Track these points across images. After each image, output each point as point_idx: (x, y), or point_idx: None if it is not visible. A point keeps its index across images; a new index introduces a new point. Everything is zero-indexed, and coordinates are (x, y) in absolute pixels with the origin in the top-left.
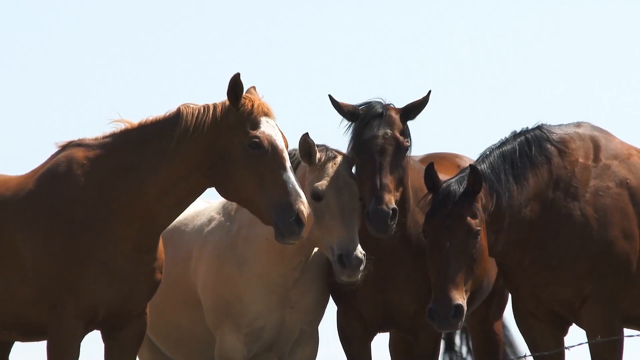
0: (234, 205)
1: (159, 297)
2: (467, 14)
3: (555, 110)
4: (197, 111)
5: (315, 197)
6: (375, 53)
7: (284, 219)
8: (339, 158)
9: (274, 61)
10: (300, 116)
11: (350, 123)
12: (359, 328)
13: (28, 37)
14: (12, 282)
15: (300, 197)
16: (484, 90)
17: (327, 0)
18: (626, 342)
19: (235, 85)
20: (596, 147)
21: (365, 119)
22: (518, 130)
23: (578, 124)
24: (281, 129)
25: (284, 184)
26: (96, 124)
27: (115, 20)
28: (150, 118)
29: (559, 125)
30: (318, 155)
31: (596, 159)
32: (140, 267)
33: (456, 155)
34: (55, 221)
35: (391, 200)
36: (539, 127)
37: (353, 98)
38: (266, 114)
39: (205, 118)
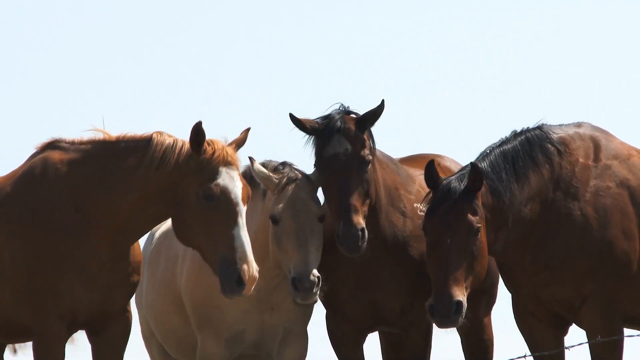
0: None
1: (155, 299)
2: (467, 14)
3: (555, 110)
4: (166, 144)
5: (272, 220)
6: (376, 53)
7: (227, 276)
8: (300, 180)
9: (270, 61)
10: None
11: (312, 137)
12: (349, 330)
13: (26, 38)
14: None
15: (247, 255)
16: (484, 90)
17: (326, 0)
18: (626, 342)
19: (196, 134)
20: (596, 147)
21: (324, 134)
22: (518, 130)
23: (578, 124)
24: (244, 180)
25: (232, 240)
26: (88, 124)
27: (114, 21)
28: (128, 135)
29: (560, 125)
30: (276, 178)
31: (596, 159)
32: (116, 274)
33: (438, 155)
34: (32, 224)
35: (359, 220)
36: (540, 127)
37: (352, 99)
38: (228, 164)
39: (171, 156)
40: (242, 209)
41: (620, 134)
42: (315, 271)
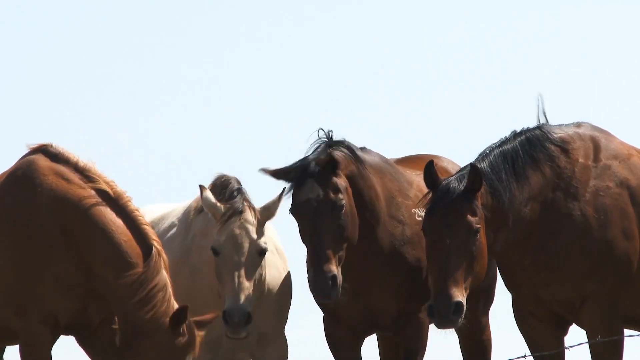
0: (193, 212)
1: None
2: (467, 14)
3: (555, 110)
4: (155, 283)
5: (213, 251)
6: (376, 53)
7: None
8: (247, 212)
9: (270, 61)
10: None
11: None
12: (346, 334)
13: (24, 39)
14: None
15: None
16: (484, 91)
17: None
18: (626, 342)
19: (180, 317)
20: (596, 147)
21: (297, 180)
22: (518, 130)
23: (578, 124)
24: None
25: None
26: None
27: (114, 21)
28: (129, 207)
29: (559, 125)
30: (224, 208)
31: (596, 159)
32: (94, 286)
33: (435, 156)
34: (14, 227)
35: (330, 268)
36: (540, 127)
37: (352, 99)
38: (193, 354)
39: (150, 303)
40: None
41: (620, 134)
42: (247, 307)
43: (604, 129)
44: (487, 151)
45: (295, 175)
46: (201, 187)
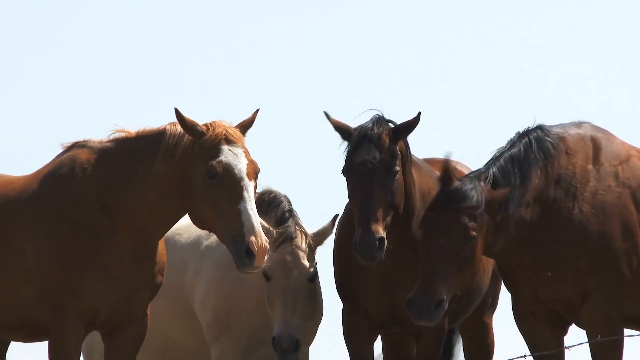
0: None
1: (152, 304)
2: (466, 14)
3: (556, 110)
4: (178, 133)
5: (264, 276)
6: (377, 53)
7: (237, 250)
8: (299, 238)
9: (271, 61)
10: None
11: (345, 142)
12: (365, 326)
13: (31, 37)
14: (16, 282)
15: (254, 228)
16: (484, 91)
17: (324, 2)
18: (626, 342)
19: (180, 120)
20: (596, 147)
21: (356, 141)
22: (521, 131)
23: (578, 124)
24: (250, 156)
25: (238, 214)
26: (99, 126)
27: (118, 22)
28: (147, 130)
29: (560, 125)
30: (276, 233)
31: (596, 159)
32: (140, 274)
33: (455, 162)
34: (58, 223)
35: (378, 229)
36: (540, 127)
37: (353, 101)
38: (230, 142)
39: (181, 143)
40: (248, 183)
41: (620, 134)
42: (296, 333)
43: (604, 128)
44: (497, 155)
45: (355, 136)
46: None
